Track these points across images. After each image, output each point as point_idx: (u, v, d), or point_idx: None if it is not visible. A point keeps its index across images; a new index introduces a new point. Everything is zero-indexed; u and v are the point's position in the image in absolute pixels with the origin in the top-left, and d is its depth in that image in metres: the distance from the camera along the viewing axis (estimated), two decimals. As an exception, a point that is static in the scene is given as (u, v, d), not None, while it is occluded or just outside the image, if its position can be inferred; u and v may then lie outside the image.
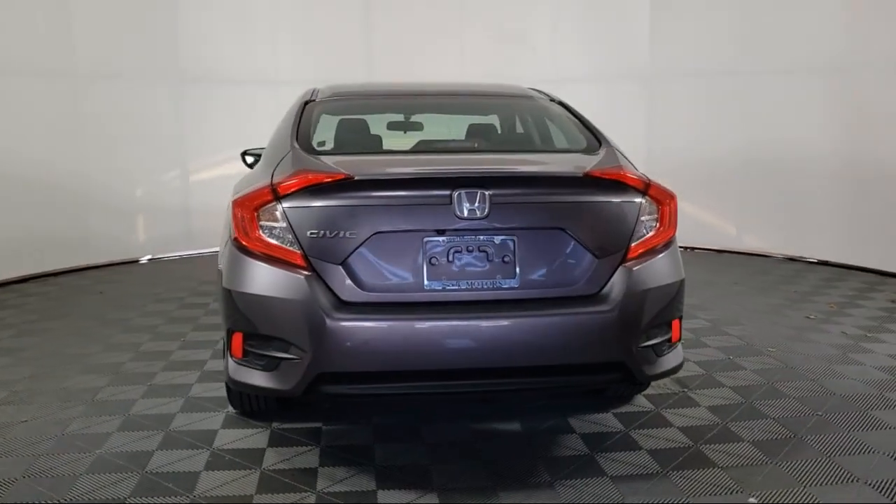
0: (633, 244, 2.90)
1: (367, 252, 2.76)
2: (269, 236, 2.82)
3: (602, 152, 3.18)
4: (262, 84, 8.33)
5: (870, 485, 2.89)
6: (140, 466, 3.07)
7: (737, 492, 2.85)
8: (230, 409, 3.67)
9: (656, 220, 2.97)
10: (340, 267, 2.75)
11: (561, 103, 3.88)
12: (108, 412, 3.64)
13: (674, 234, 3.03)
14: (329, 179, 2.77)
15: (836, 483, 2.91)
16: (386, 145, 3.81)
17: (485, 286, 2.79)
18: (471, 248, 2.80)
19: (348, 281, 2.75)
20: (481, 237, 2.80)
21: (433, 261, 2.78)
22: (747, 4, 7.53)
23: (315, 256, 2.76)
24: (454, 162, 3.21)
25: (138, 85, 7.86)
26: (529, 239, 2.82)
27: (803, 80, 7.15)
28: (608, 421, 3.54)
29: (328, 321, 2.68)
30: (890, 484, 2.89)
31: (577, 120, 3.62)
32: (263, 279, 2.79)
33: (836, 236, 7.14)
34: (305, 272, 2.75)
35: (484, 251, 2.80)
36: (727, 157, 7.74)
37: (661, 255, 2.96)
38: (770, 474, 2.99)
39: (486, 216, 2.75)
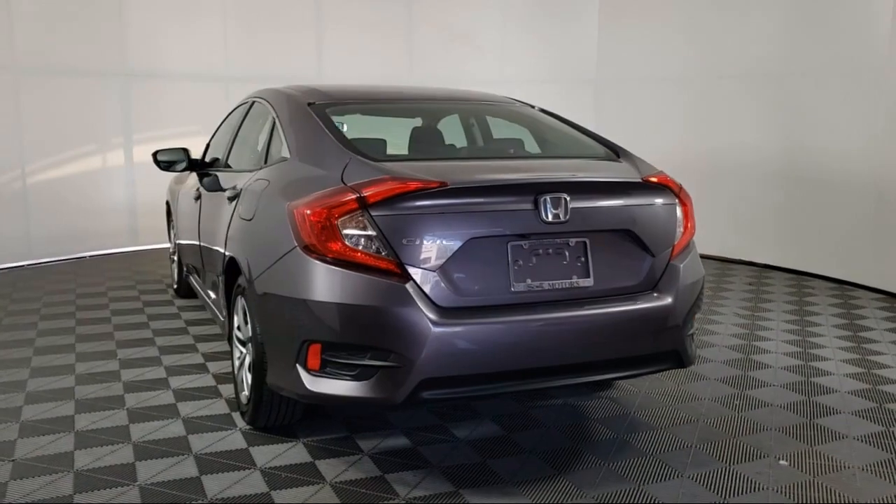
0: (675, 242, 3.20)
1: (460, 257, 2.81)
2: (356, 244, 2.77)
3: (629, 158, 3.44)
4: (213, 80, 8.28)
5: (856, 439, 3.44)
6: (199, 494, 2.87)
7: (764, 455, 3.26)
8: (242, 425, 3.50)
9: (684, 220, 3.29)
10: (436, 273, 2.77)
11: (543, 111, 4.11)
12: (106, 441, 3.31)
13: (693, 234, 3.37)
14: (423, 187, 2.78)
15: (833, 440, 3.42)
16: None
17: (563, 286, 2.95)
18: (550, 250, 2.94)
19: (444, 286, 2.78)
20: (558, 240, 2.95)
21: (518, 263, 2.89)
22: (692, 13, 7.86)
23: (411, 264, 2.76)
24: (533, 168, 3.33)
25: (82, 80, 7.65)
26: (599, 240, 3.03)
27: (745, 85, 7.47)
28: (609, 405, 3.83)
29: (433, 327, 2.70)
30: (873, 436, 3.46)
31: (574, 127, 3.86)
32: (355, 288, 2.74)
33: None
34: (403, 279, 2.74)
35: (561, 253, 2.96)
36: (670, 158, 8.03)
37: (692, 253, 3.29)
38: (780, 439, 3.43)
39: (567, 220, 2.92)
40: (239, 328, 3.60)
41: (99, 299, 5.99)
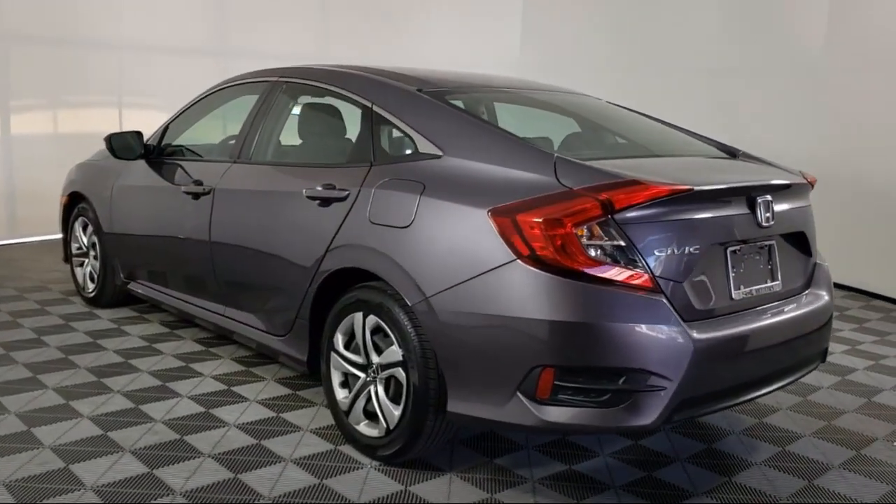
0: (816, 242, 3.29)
1: (699, 266, 2.65)
2: (601, 255, 2.50)
3: (750, 156, 3.44)
4: (103, 47, 7.33)
5: (921, 414, 3.80)
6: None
7: (873, 438, 3.48)
8: (365, 461, 3.04)
9: None
10: (682, 284, 2.59)
11: (610, 103, 3.99)
12: (233, 500, 2.70)
13: None
14: (674, 191, 2.56)
15: (908, 418, 3.76)
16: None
17: (764, 291, 2.90)
18: (752, 254, 2.88)
19: (687, 298, 2.60)
20: (757, 244, 2.90)
21: (734, 269, 2.79)
22: (621, 6, 7.71)
23: (663, 276, 2.54)
24: (733, 170, 3.18)
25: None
26: (781, 242, 3.02)
27: (679, 81, 7.42)
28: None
29: (693, 343, 2.52)
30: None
31: (667, 123, 3.79)
32: (610, 305, 2.47)
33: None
34: (657, 293, 2.52)
35: (758, 257, 2.91)
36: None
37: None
38: (863, 420, 3.68)
39: (773, 225, 2.87)
40: (351, 350, 3.11)
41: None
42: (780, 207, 2.94)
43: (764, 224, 2.83)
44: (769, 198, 2.85)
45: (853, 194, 6.15)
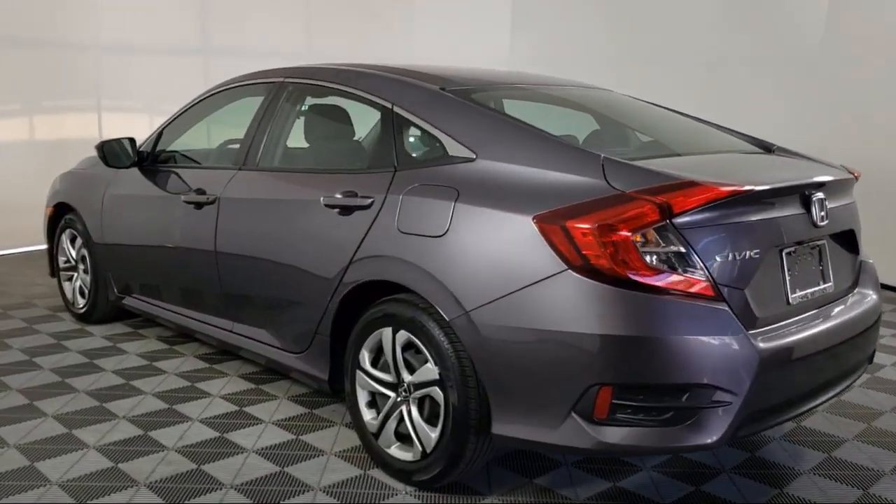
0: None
1: (761, 271, 2.49)
2: (660, 263, 2.33)
3: (785, 150, 3.29)
4: (78, 48, 7.03)
5: (960, 412, 3.68)
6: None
7: (921, 441, 3.37)
8: (398, 486, 2.85)
9: None
10: (745, 291, 2.43)
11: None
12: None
13: None
14: (731, 193, 2.38)
15: (948, 416, 3.64)
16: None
17: (816, 293, 2.76)
18: (805, 255, 2.73)
19: (750, 305, 2.44)
20: (809, 245, 2.75)
21: (790, 273, 2.64)
22: None
23: (724, 283, 2.38)
24: (789, 167, 3.01)
25: None
26: (832, 241, 2.88)
27: (684, 72, 7.25)
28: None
29: (758, 353, 2.36)
30: None
31: (690, 116, 3.62)
32: (674, 317, 2.30)
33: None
34: (720, 302, 2.36)
35: (810, 258, 2.76)
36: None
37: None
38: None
39: (826, 224, 2.72)
40: (378, 368, 2.92)
41: None
42: (830, 205, 2.79)
43: (819, 223, 2.68)
44: (822, 196, 2.70)
45: (864, 184, 6.06)
